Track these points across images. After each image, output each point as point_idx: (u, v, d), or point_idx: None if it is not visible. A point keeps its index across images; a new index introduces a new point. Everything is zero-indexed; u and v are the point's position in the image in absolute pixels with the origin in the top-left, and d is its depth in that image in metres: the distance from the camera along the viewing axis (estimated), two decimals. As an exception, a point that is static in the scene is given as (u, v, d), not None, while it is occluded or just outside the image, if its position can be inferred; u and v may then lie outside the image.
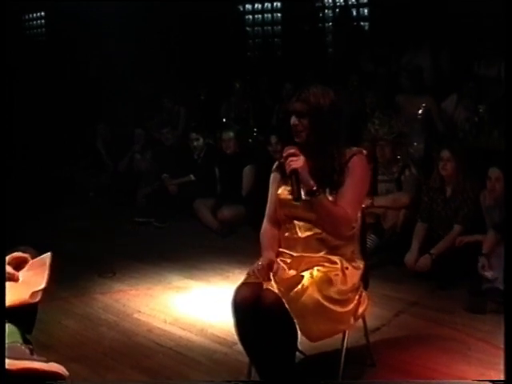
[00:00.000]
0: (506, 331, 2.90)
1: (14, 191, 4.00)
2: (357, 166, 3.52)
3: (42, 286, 3.06)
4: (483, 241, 5.35)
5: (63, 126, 9.93)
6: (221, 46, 11.05)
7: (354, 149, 3.60)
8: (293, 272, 3.44)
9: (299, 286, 3.30)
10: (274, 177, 3.74)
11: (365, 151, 3.65)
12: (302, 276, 3.37)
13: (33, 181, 8.48)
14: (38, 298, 3.04)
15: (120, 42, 10.70)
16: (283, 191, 3.61)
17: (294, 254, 3.54)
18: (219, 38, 11.21)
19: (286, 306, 3.23)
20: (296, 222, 3.57)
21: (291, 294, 3.27)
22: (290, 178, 3.40)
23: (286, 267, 3.49)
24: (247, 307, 3.34)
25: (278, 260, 3.52)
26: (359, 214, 3.67)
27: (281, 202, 3.63)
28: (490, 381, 3.65)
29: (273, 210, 3.71)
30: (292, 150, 3.42)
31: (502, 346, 4.17)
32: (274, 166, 3.77)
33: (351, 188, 3.48)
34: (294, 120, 3.47)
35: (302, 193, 3.42)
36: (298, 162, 3.38)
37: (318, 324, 3.39)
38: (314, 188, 3.38)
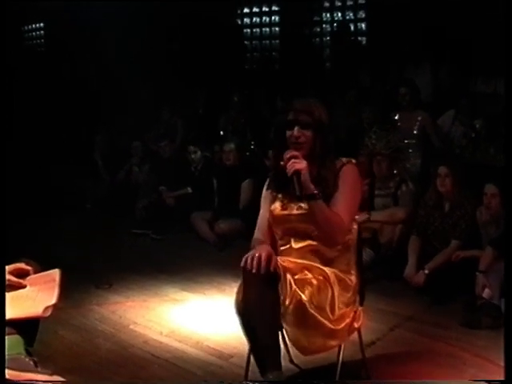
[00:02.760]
0: (506, 331, 2.94)
1: (11, 200, 4.00)
2: (348, 174, 3.56)
3: (54, 301, 3.10)
4: (480, 257, 5.37)
5: (62, 137, 9.95)
6: (219, 60, 11.08)
7: (344, 159, 3.63)
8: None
9: (291, 295, 3.31)
10: (265, 194, 3.76)
11: (354, 160, 3.67)
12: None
13: (30, 191, 8.49)
14: (49, 313, 3.07)
15: (119, 54, 10.73)
16: (276, 207, 3.63)
17: (291, 260, 3.54)
18: (217, 52, 11.25)
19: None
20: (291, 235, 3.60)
21: (287, 303, 3.29)
22: (292, 178, 3.38)
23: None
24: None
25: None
26: (355, 226, 3.69)
27: (275, 219, 3.64)
28: (489, 381, 3.65)
29: (264, 225, 3.72)
30: (295, 153, 3.42)
31: (497, 361, 4.24)
32: (266, 184, 3.78)
33: (344, 196, 3.51)
34: (297, 132, 3.48)
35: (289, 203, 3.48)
36: (300, 163, 3.37)
37: (307, 336, 3.40)
38: (315, 191, 3.39)
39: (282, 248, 3.65)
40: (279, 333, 3.43)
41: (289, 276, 3.35)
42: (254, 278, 3.27)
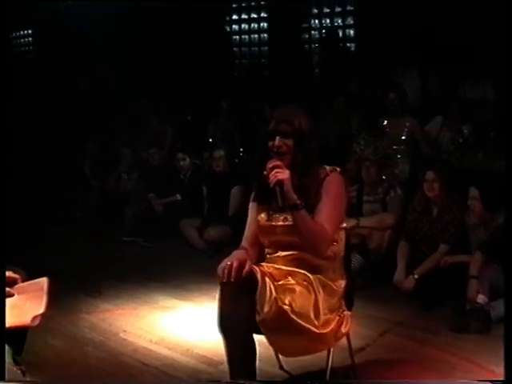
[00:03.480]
0: (506, 331, 2.98)
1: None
2: (332, 184, 3.55)
3: (42, 310, 3.08)
4: (470, 262, 5.39)
5: (51, 144, 9.93)
6: (208, 66, 11.10)
7: (328, 167, 3.62)
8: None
9: (271, 302, 3.30)
10: (252, 204, 3.75)
11: (339, 168, 3.67)
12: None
13: (18, 198, 8.47)
14: (37, 322, 3.06)
15: (108, 62, 10.72)
16: (262, 218, 3.63)
17: (276, 266, 3.55)
18: (206, 59, 11.27)
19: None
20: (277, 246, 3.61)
21: (266, 310, 3.28)
22: (274, 189, 3.37)
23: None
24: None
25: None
26: (343, 235, 3.70)
27: (260, 229, 3.64)
28: (490, 381, 3.66)
29: (251, 235, 3.72)
30: (277, 163, 3.40)
31: (486, 365, 4.27)
32: (253, 195, 3.77)
33: (328, 205, 3.49)
34: (278, 141, 3.47)
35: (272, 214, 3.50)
36: (283, 173, 3.35)
37: (290, 341, 3.41)
38: (298, 202, 3.37)
39: (268, 256, 3.66)
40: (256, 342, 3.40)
41: (269, 282, 3.34)
42: (227, 287, 3.30)
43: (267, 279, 3.34)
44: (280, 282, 3.44)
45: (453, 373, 4.21)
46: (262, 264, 3.55)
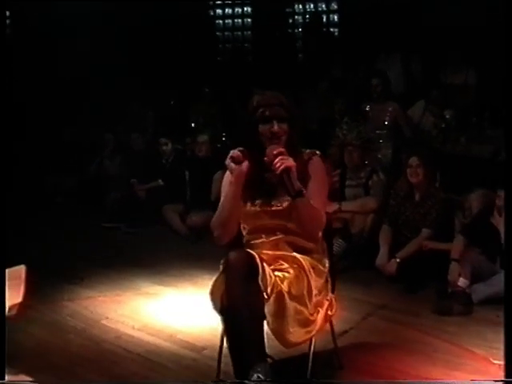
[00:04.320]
0: (506, 331, 2.95)
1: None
2: (318, 167, 3.55)
3: (19, 299, 3.04)
4: (452, 246, 5.42)
5: (31, 129, 9.84)
6: (190, 51, 11.04)
7: (308, 151, 3.60)
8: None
9: (271, 285, 3.29)
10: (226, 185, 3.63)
11: (318, 152, 3.65)
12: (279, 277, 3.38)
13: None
14: (15, 312, 3.01)
15: (88, 46, 10.63)
16: (245, 203, 3.55)
17: (264, 252, 3.52)
18: (189, 43, 11.20)
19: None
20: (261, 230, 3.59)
21: (268, 294, 3.27)
22: (282, 176, 3.31)
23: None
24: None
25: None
26: None
27: (245, 214, 3.58)
28: (491, 380, 3.68)
29: None
30: (281, 149, 3.35)
31: (467, 347, 4.29)
32: (227, 175, 3.67)
33: (318, 189, 3.49)
34: (276, 127, 3.42)
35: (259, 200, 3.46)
36: (289, 160, 3.31)
37: (287, 327, 3.39)
38: (302, 189, 3.35)
39: (252, 242, 3.62)
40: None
41: (266, 267, 3.33)
42: (236, 272, 3.25)
43: (264, 264, 3.33)
44: (272, 267, 3.42)
45: (435, 355, 4.23)
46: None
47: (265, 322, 3.34)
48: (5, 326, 2.82)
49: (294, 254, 3.53)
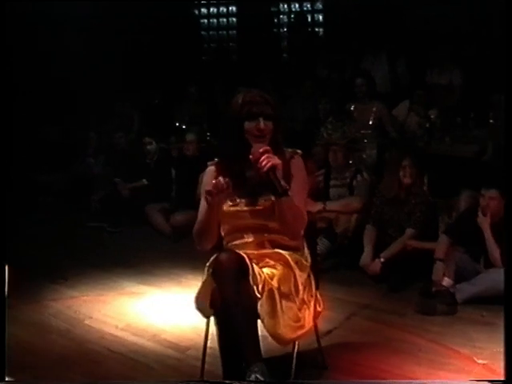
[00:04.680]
0: (506, 331, 2.97)
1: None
2: (299, 167, 3.56)
3: None
4: (436, 246, 5.43)
5: (16, 129, 9.77)
6: (176, 50, 11.02)
7: (290, 150, 3.60)
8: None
9: (262, 283, 3.29)
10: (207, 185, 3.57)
11: (299, 151, 3.64)
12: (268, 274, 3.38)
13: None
14: None
15: (72, 45, 10.57)
16: (226, 203, 3.51)
17: (247, 251, 3.49)
18: (174, 42, 11.18)
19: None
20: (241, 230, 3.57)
21: (260, 293, 3.27)
22: (268, 175, 3.29)
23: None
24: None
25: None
26: None
27: (225, 214, 3.54)
28: (490, 381, 3.68)
29: None
30: (267, 148, 3.34)
31: (452, 346, 4.30)
32: (209, 173, 3.68)
33: (299, 188, 3.50)
34: (262, 124, 3.41)
35: (238, 199, 3.45)
36: (275, 159, 3.30)
37: (280, 324, 3.39)
38: (287, 187, 3.34)
39: (233, 243, 3.60)
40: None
41: (255, 266, 3.33)
42: (227, 274, 3.24)
43: (253, 263, 3.33)
44: (260, 264, 3.43)
45: (419, 355, 4.23)
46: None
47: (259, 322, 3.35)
48: (5, 326, 2.79)
49: (279, 250, 3.53)
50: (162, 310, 5.16)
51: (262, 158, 3.29)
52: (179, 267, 6.10)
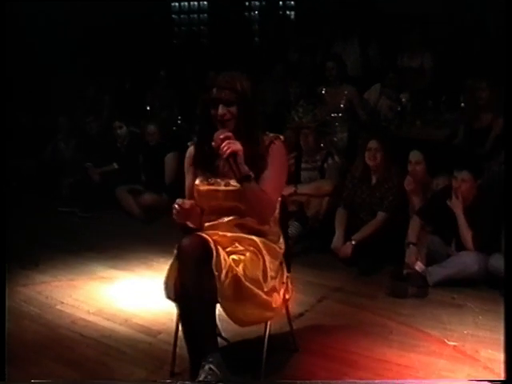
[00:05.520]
0: (506, 330, 2.98)
1: None
2: (277, 152, 3.52)
3: None
4: (408, 230, 5.46)
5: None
6: (146, 34, 10.93)
7: (271, 135, 3.58)
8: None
9: (226, 269, 3.29)
10: (188, 167, 3.70)
11: (282, 137, 3.63)
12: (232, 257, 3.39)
13: None
14: None
15: (43, 28, 10.46)
16: (201, 183, 3.58)
17: (220, 233, 3.51)
18: (144, 26, 11.10)
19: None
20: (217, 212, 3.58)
21: (222, 278, 3.26)
22: (228, 160, 3.31)
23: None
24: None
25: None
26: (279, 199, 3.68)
27: (200, 194, 3.59)
28: (490, 381, 3.71)
29: (191, 198, 3.66)
30: (228, 133, 3.34)
31: (422, 328, 4.34)
32: (188, 154, 3.71)
33: (273, 174, 3.48)
34: (221, 110, 3.40)
35: (219, 180, 3.44)
36: (235, 144, 3.30)
37: (244, 308, 3.40)
38: (250, 173, 3.33)
39: (209, 223, 3.61)
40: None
41: (221, 250, 3.33)
42: (188, 258, 3.25)
43: (218, 247, 3.32)
44: (228, 249, 3.43)
45: (390, 337, 4.28)
46: (207, 232, 3.49)
47: (218, 307, 3.35)
48: (5, 326, 2.76)
49: (250, 235, 3.53)
50: (134, 294, 5.16)
51: (223, 144, 3.30)
52: (150, 251, 6.08)
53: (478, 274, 5.11)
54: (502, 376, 3.63)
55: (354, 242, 5.70)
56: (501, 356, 3.90)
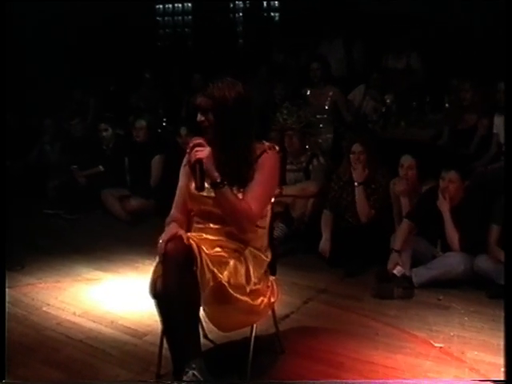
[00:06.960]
0: (506, 330, 2.98)
1: None
2: (267, 161, 3.48)
3: None
4: (396, 234, 5.45)
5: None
6: (131, 36, 10.93)
7: (266, 144, 3.55)
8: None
9: (210, 275, 3.29)
10: (183, 170, 3.70)
11: (277, 147, 3.61)
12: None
13: None
14: None
15: (29, 29, 10.43)
16: (193, 186, 3.55)
17: (204, 236, 3.51)
18: (129, 28, 11.09)
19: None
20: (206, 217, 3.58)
21: (204, 281, 3.26)
22: (194, 167, 3.33)
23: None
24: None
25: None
26: (269, 208, 3.67)
27: (191, 197, 3.60)
28: (492, 381, 3.73)
29: (181, 201, 3.68)
30: (198, 141, 3.34)
31: (408, 330, 4.35)
32: (185, 160, 3.67)
33: (259, 184, 3.44)
34: (199, 117, 3.42)
35: (206, 184, 3.39)
36: (203, 152, 3.30)
37: (227, 315, 3.41)
38: (218, 180, 3.32)
39: (198, 226, 3.62)
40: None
41: (204, 256, 3.31)
42: (172, 262, 3.25)
43: (202, 253, 3.31)
44: (212, 253, 3.40)
45: (376, 338, 4.29)
46: (192, 234, 3.50)
47: (201, 311, 3.36)
48: (5, 326, 2.75)
49: (236, 242, 3.53)
50: (120, 295, 5.15)
51: (191, 151, 3.33)
52: (136, 253, 6.07)
53: (463, 274, 5.12)
54: (488, 377, 3.67)
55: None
56: (486, 357, 3.95)
